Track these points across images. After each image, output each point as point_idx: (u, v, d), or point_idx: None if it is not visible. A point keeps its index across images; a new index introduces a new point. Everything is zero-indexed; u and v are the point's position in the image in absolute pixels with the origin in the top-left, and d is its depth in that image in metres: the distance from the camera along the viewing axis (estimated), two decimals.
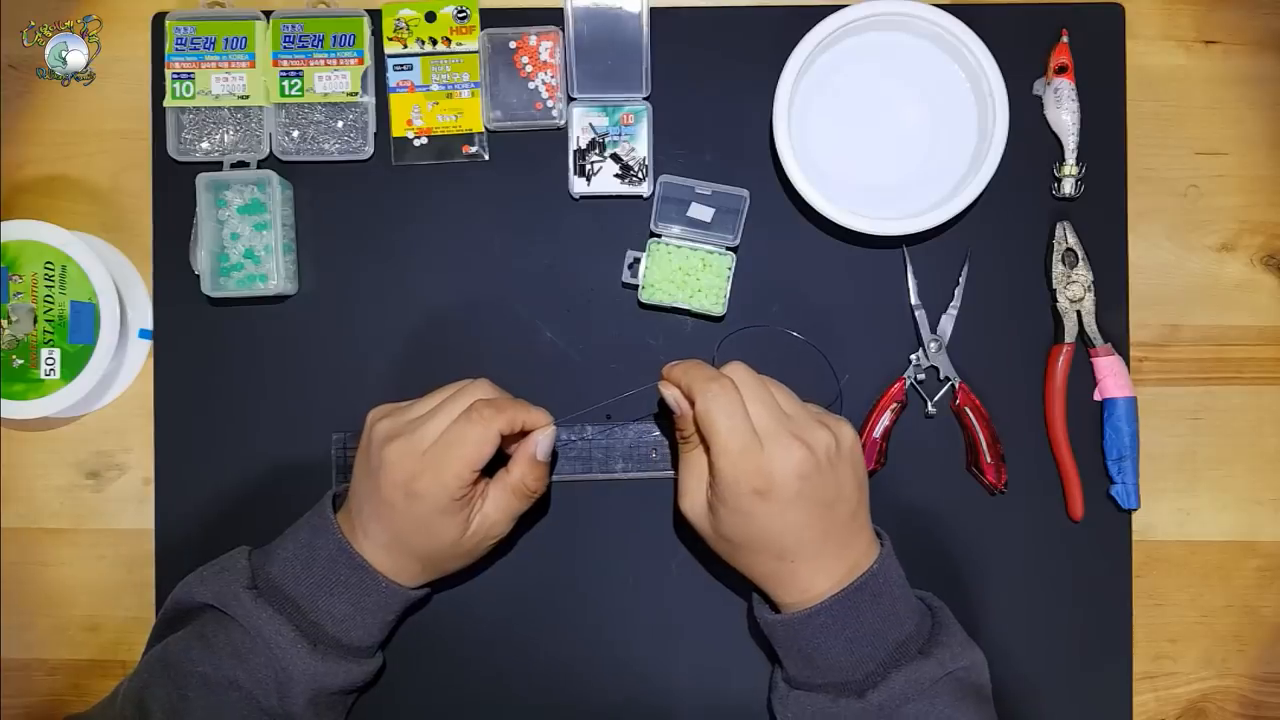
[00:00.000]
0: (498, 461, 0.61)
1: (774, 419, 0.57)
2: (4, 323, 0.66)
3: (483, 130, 0.69)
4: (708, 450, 0.58)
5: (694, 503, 0.60)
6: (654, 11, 0.68)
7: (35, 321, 0.66)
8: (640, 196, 0.68)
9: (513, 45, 0.68)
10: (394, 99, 0.69)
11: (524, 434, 0.61)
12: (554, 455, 0.65)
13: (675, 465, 0.66)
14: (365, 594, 0.60)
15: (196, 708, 0.57)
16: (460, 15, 0.68)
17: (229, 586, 0.59)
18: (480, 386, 0.61)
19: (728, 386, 0.57)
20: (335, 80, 0.68)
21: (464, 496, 0.59)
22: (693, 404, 0.59)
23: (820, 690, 0.59)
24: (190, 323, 0.69)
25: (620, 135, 0.68)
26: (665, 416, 0.67)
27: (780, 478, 0.56)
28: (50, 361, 0.66)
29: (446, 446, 0.58)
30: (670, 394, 0.60)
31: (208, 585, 0.60)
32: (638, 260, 0.67)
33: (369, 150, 0.69)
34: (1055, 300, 0.68)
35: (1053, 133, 0.68)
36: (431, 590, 0.65)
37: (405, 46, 0.69)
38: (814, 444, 0.57)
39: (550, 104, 0.68)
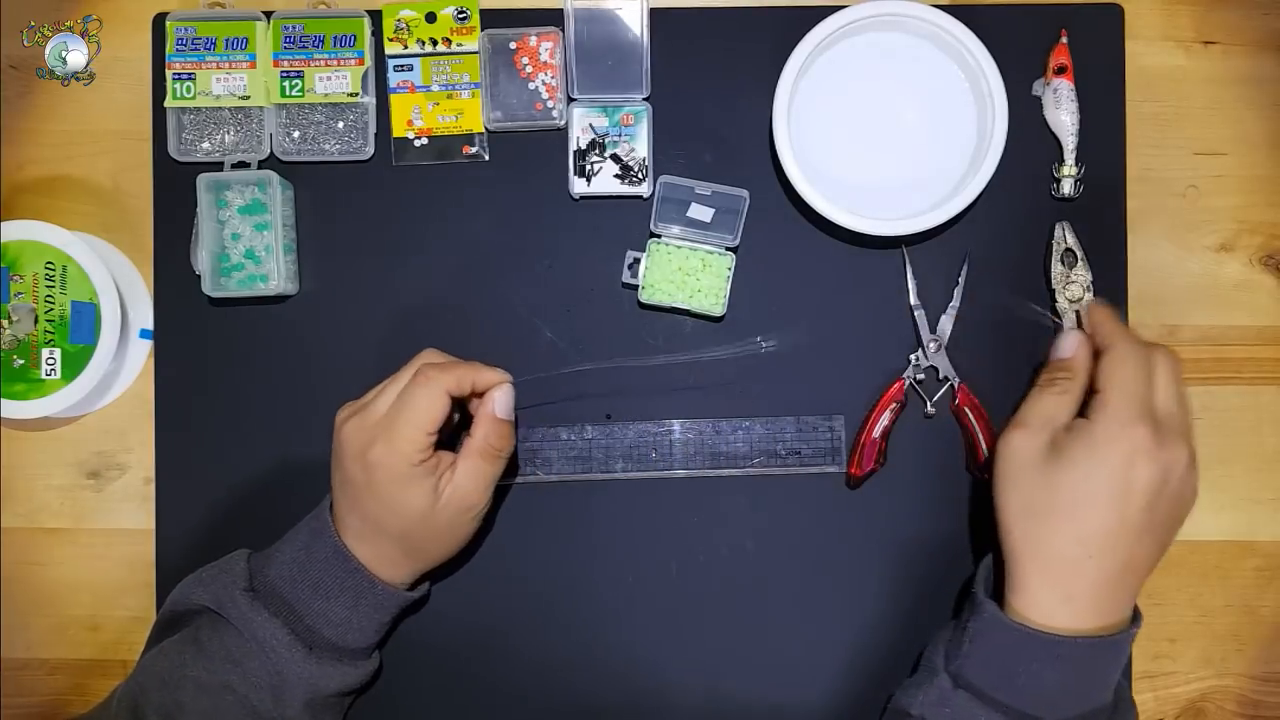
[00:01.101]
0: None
1: (1181, 412, 0.55)
2: (5, 323, 0.66)
3: (483, 131, 0.69)
4: (1093, 390, 0.56)
5: (1030, 434, 0.56)
6: (654, 11, 0.68)
7: (36, 321, 0.66)
8: (640, 197, 0.68)
9: (513, 46, 0.68)
10: (394, 99, 0.69)
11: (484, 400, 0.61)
12: (527, 427, 0.66)
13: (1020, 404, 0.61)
14: (361, 597, 0.60)
15: (191, 713, 0.57)
16: (460, 16, 0.68)
17: (226, 589, 0.59)
18: (426, 354, 0.62)
19: (1149, 350, 0.56)
20: (336, 81, 0.68)
21: (424, 463, 0.58)
22: (1097, 356, 0.57)
23: (999, 710, 0.55)
24: (191, 323, 0.69)
25: (620, 135, 0.68)
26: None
27: (1166, 452, 0.53)
28: (51, 361, 0.66)
29: (396, 413, 0.58)
30: (1073, 335, 0.59)
31: (205, 587, 0.60)
32: (638, 260, 0.67)
33: (369, 151, 0.69)
34: (1054, 300, 0.68)
35: (1052, 133, 0.68)
36: (428, 592, 0.65)
37: (406, 47, 0.69)
38: (1194, 462, 0.55)
39: (550, 104, 0.68)
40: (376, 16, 0.69)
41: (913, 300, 0.68)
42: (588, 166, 0.68)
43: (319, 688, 0.59)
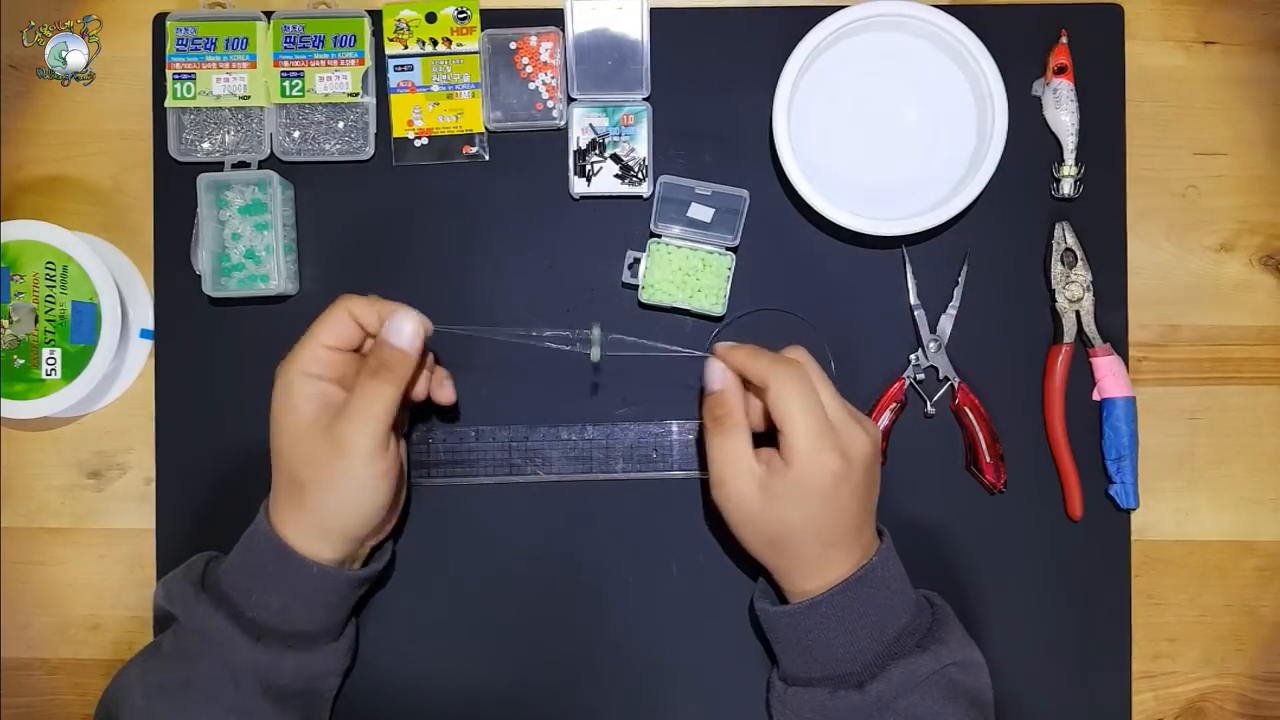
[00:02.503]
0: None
1: (842, 406, 0.59)
2: (5, 322, 0.66)
3: (483, 131, 0.69)
4: (778, 432, 0.57)
5: (739, 488, 0.58)
6: (654, 11, 0.68)
7: (36, 321, 0.66)
8: (640, 197, 0.68)
9: (513, 46, 0.68)
10: (394, 99, 0.69)
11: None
12: (439, 361, 0.66)
13: (700, 452, 0.66)
14: (299, 582, 0.59)
15: (161, 715, 0.57)
16: (460, 16, 0.68)
17: (178, 586, 0.60)
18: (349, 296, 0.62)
19: (801, 369, 0.58)
20: (336, 81, 0.68)
21: (316, 377, 0.58)
22: (758, 390, 0.59)
23: (818, 684, 0.59)
24: (191, 323, 0.69)
25: (620, 135, 0.68)
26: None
27: (855, 460, 0.57)
28: (51, 361, 0.66)
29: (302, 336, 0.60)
30: (716, 368, 0.60)
31: (164, 588, 0.61)
32: (638, 260, 0.67)
33: (370, 151, 0.69)
34: (1054, 300, 0.68)
35: (1052, 133, 0.68)
36: (388, 567, 0.65)
37: (406, 47, 0.69)
38: (871, 435, 0.59)
39: (550, 104, 0.68)
40: (377, 16, 0.69)
41: (913, 300, 0.68)
42: (588, 166, 0.68)
43: (271, 677, 0.58)
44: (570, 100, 0.68)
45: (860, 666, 0.58)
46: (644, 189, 0.68)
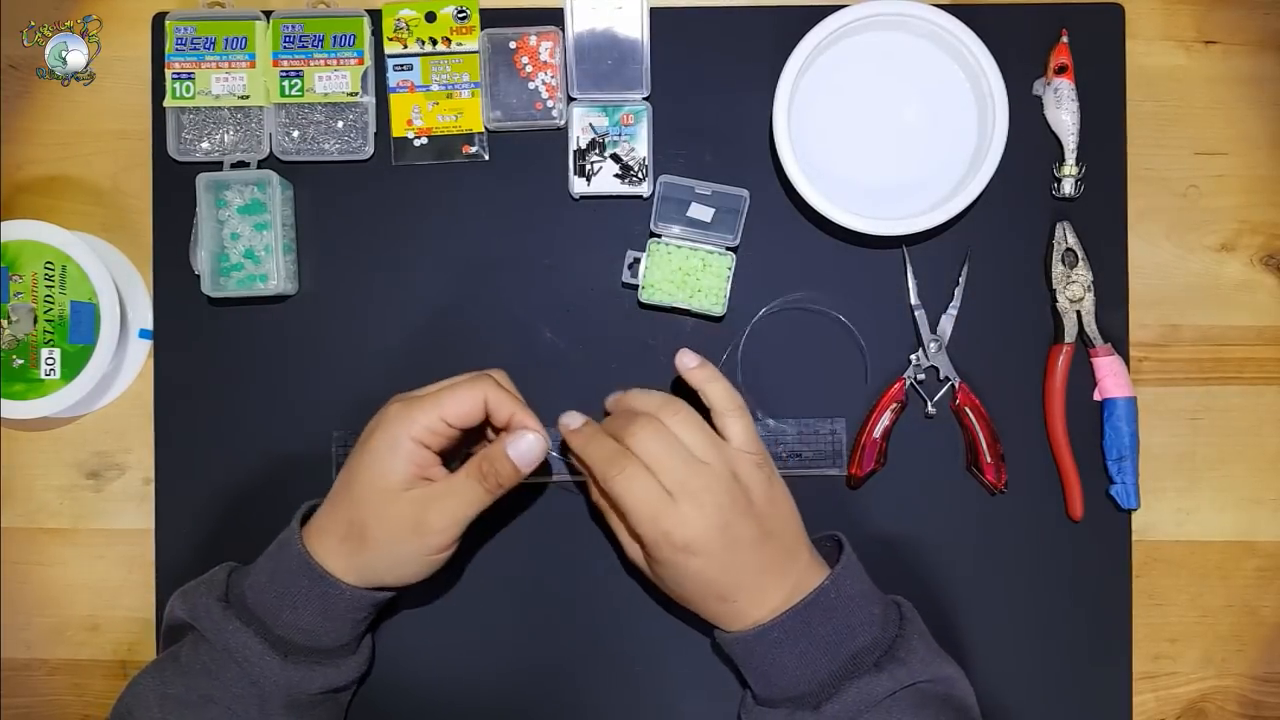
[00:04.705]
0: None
1: (687, 473, 0.57)
2: (4, 322, 0.66)
3: (483, 130, 0.69)
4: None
5: (635, 554, 0.62)
6: (654, 11, 0.68)
7: (35, 321, 0.66)
8: (640, 196, 0.68)
9: (513, 45, 0.68)
10: (394, 99, 0.69)
11: None
12: (545, 471, 0.65)
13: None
14: (330, 603, 0.59)
15: None
16: (460, 15, 0.68)
17: (202, 600, 0.59)
18: (496, 372, 0.61)
19: (630, 462, 0.57)
20: (335, 80, 0.68)
21: (419, 445, 0.57)
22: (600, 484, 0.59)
23: (779, 705, 0.59)
24: (190, 323, 0.69)
25: (620, 135, 0.68)
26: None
27: (701, 535, 0.56)
28: (50, 361, 0.66)
29: (431, 392, 0.59)
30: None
31: (184, 600, 0.60)
32: (638, 260, 0.67)
33: (369, 150, 0.69)
34: (1055, 300, 0.68)
35: (1052, 133, 0.68)
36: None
37: (405, 46, 0.69)
38: (731, 491, 0.57)
39: (550, 104, 0.68)
40: (376, 16, 0.69)
41: (913, 300, 0.68)
42: (588, 166, 0.68)
43: (297, 692, 0.58)
44: (570, 100, 0.68)
45: (816, 687, 0.58)
46: (644, 189, 0.68)
